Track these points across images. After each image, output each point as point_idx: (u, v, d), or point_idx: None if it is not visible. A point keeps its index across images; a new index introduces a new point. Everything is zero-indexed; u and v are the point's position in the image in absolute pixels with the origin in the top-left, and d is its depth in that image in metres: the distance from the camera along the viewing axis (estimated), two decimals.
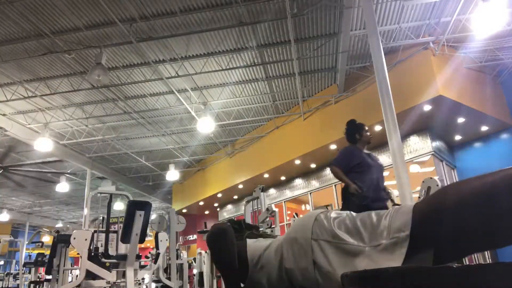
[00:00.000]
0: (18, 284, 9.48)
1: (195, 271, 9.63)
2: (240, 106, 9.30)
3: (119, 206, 13.53)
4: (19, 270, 9.33)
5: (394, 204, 3.60)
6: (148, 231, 6.40)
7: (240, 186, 11.58)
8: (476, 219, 0.87)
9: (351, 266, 1.05)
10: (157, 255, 5.00)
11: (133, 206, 3.93)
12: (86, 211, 9.97)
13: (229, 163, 11.93)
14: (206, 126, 8.63)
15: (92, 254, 4.29)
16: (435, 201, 0.99)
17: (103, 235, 5.40)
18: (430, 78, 6.61)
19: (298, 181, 10.86)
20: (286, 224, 10.36)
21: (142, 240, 4.00)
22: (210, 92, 8.51)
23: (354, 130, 3.77)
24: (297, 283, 1.23)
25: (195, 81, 7.98)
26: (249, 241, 1.47)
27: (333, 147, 8.49)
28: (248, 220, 4.90)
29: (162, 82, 7.99)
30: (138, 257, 4.28)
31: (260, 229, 1.75)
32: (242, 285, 1.41)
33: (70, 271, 8.97)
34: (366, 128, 3.77)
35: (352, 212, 1.19)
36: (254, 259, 1.37)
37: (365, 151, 3.71)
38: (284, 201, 11.25)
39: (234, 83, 8.21)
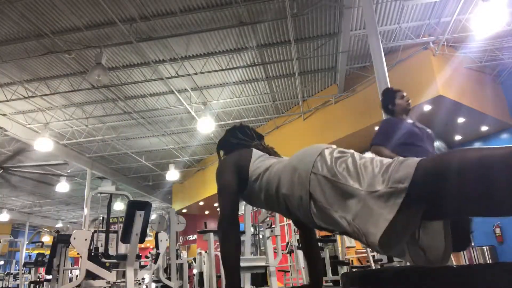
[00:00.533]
0: (18, 284, 9.48)
1: (195, 271, 9.64)
2: (240, 106, 9.30)
3: (119, 206, 13.53)
4: (19, 270, 9.33)
5: None
6: (148, 231, 6.40)
7: None
8: (475, 186, 0.90)
9: (345, 206, 1.07)
10: (157, 255, 5.00)
11: (133, 206, 3.93)
12: (86, 211, 9.97)
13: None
14: (206, 126, 8.63)
15: (92, 254, 4.30)
16: (440, 160, 1.01)
17: (103, 235, 5.41)
18: (430, 78, 6.61)
19: None
20: (286, 224, 10.35)
21: (142, 240, 4.00)
22: (210, 92, 8.51)
23: (386, 101, 3.28)
24: (292, 209, 1.27)
25: (195, 81, 7.98)
26: (254, 155, 1.49)
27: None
28: (248, 220, 4.89)
29: (162, 82, 7.99)
30: (138, 257, 4.28)
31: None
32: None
33: (70, 271, 8.97)
34: (403, 94, 3.22)
35: (357, 154, 1.20)
36: (254, 176, 1.41)
37: (409, 120, 3.15)
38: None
39: (234, 83, 8.21)
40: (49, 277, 5.36)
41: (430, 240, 1.10)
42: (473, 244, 7.93)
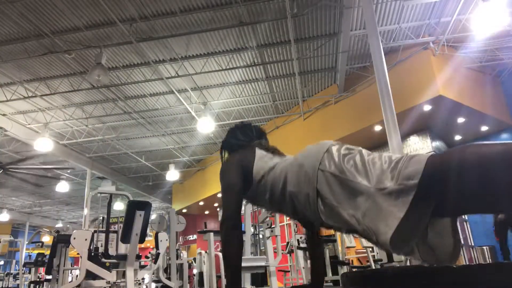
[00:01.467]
0: (18, 284, 9.47)
1: (195, 271, 9.63)
2: (240, 106, 9.30)
3: (119, 206, 13.52)
4: (19, 270, 9.33)
5: None
6: (148, 231, 6.40)
7: None
8: (486, 181, 0.89)
9: (354, 203, 1.05)
10: (157, 255, 4.99)
11: (133, 206, 3.92)
12: (86, 211, 9.97)
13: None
14: (206, 126, 8.63)
15: (92, 254, 4.30)
16: (450, 156, 1.00)
17: (103, 235, 5.41)
18: (430, 78, 6.61)
19: None
20: (286, 224, 10.36)
21: (142, 240, 4.00)
22: (210, 92, 8.51)
23: None
24: (299, 206, 1.25)
25: (195, 81, 7.98)
26: (257, 155, 1.46)
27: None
28: (248, 220, 4.89)
29: (162, 82, 7.99)
30: (138, 257, 4.28)
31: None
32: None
33: (70, 271, 8.97)
34: None
35: (365, 150, 1.18)
36: (258, 176, 1.39)
37: None
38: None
39: (234, 83, 8.21)
40: (49, 277, 5.36)
41: (439, 238, 1.08)
42: (473, 244, 7.93)
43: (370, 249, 6.27)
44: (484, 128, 7.88)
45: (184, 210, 14.57)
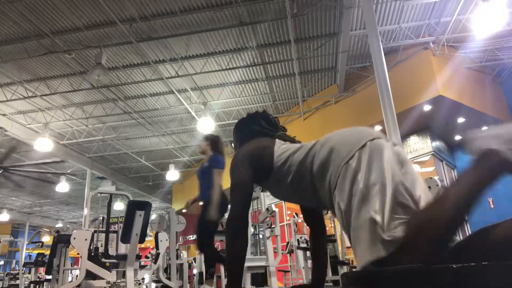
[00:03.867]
0: (18, 284, 9.47)
1: (195, 271, 9.63)
2: (240, 106, 9.30)
3: (119, 206, 13.53)
4: (19, 270, 9.32)
5: None
6: (148, 231, 6.40)
7: None
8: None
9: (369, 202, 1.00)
10: (157, 255, 5.00)
11: (133, 206, 3.93)
12: (86, 211, 9.96)
13: (229, 163, 11.91)
14: (206, 126, 8.63)
15: (92, 254, 4.30)
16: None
17: (103, 235, 5.42)
18: (430, 78, 6.61)
19: None
20: (286, 224, 10.36)
21: (142, 240, 4.00)
22: (210, 92, 8.51)
23: None
24: (320, 192, 1.21)
25: (195, 81, 7.98)
26: (277, 142, 1.40)
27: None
28: (248, 220, 4.88)
29: (162, 82, 7.99)
30: (138, 257, 4.28)
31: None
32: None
33: (70, 271, 8.96)
34: None
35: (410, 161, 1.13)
36: (280, 161, 1.32)
37: None
38: (284, 201, 11.24)
39: (234, 83, 8.21)
40: (49, 277, 5.36)
41: None
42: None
43: None
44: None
45: (184, 210, 14.55)
